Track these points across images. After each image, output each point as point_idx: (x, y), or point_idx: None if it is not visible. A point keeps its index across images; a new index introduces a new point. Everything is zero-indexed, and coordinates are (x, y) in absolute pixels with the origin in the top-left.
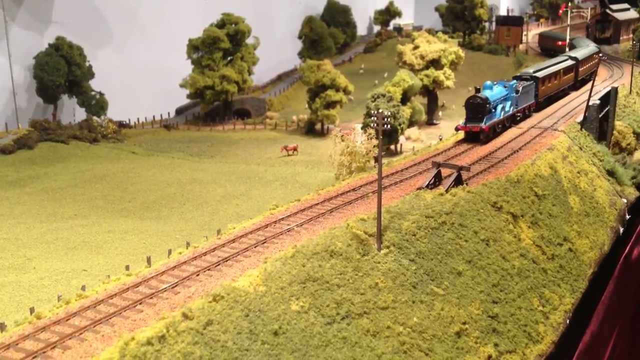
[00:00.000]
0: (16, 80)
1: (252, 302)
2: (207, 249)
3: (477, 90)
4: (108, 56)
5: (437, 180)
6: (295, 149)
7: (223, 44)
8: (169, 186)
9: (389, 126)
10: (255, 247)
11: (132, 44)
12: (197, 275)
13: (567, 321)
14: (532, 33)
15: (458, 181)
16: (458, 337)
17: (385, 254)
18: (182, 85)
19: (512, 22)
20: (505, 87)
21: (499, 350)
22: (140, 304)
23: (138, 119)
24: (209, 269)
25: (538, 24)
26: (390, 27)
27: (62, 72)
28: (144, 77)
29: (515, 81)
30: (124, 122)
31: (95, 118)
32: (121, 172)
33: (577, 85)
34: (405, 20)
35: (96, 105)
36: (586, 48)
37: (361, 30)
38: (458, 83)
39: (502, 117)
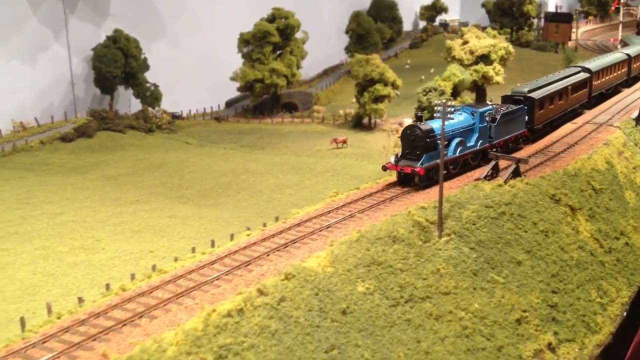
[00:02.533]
0: (74, 71)
1: (321, 282)
2: (275, 232)
3: (419, 118)
4: (161, 49)
5: (495, 171)
6: (344, 142)
7: (273, 38)
8: (223, 175)
9: (452, 115)
10: (320, 231)
11: (184, 37)
12: (268, 255)
13: (624, 313)
14: (580, 30)
15: (516, 173)
16: (518, 324)
17: (446, 242)
18: (232, 79)
19: (561, 19)
20: (472, 114)
21: (559, 338)
22: (217, 279)
23: (190, 110)
24: (278, 250)
25: (586, 22)
26: (436, 23)
27: (119, 64)
28: (194, 70)
29: (491, 106)
30: (176, 114)
31: (150, 109)
32: (177, 161)
33: (591, 102)
34: (451, 16)
35: (151, 96)
36: (609, 56)
37: (407, 25)
38: (507, 79)
39: (457, 154)
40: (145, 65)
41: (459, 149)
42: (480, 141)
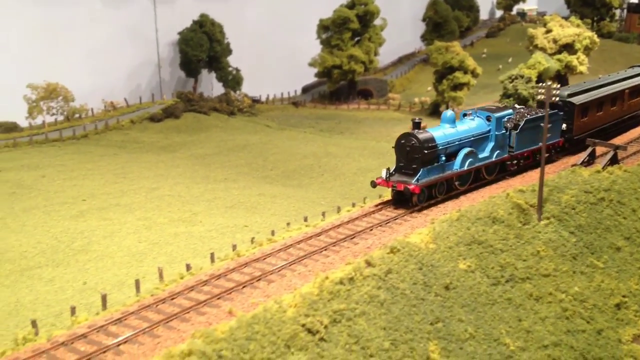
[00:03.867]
0: (161, 54)
1: (425, 257)
2: (375, 209)
3: (417, 125)
4: (240, 34)
5: (591, 158)
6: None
7: (352, 25)
8: (305, 158)
9: (557, 98)
10: (419, 210)
11: (262, 22)
12: (371, 230)
13: None
14: None
15: (613, 160)
16: (618, 309)
17: (546, 225)
18: (310, 64)
19: None
20: (487, 119)
21: None
22: (325, 249)
23: (268, 95)
24: (380, 225)
25: None
26: (514, 12)
27: (204, 48)
28: (272, 55)
29: (511, 110)
30: (256, 98)
31: (232, 92)
32: (260, 143)
33: None
34: (529, 5)
35: (232, 80)
36: None
37: (483, 14)
38: (589, 69)
39: (465, 167)
40: (228, 49)
41: (468, 161)
42: (497, 152)
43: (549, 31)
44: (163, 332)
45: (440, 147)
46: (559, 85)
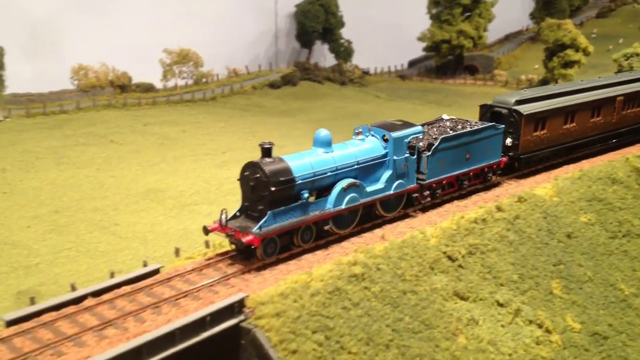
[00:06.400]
0: (278, 25)
1: (548, 208)
2: None
3: (267, 152)
4: (352, 7)
5: None
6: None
7: (464, 0)
8: None
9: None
10: (542, 169)
11: None
12: (498, 183)
13: None
14: None
15: None
16: None
17: None
18: (420, 39)
19: None
20: (383, 139)
21: None
22: (459, 197)
23: (376, 67)
24: (508, 179)
25: None
26: None
27: (320, 20)
28: (381, 30)
29: (418, 128)
30: (365, 70)
31: (343, 63)
32: (371, 112)
33: None
34: None
35: (344, 52)
36: None
37: None
38: None
39: (344, 206)
40: (342, 22)
41: (348, 197)
42: (398, 182)
43: None
44: (331, 248)
45: (300, 181)
46: None
